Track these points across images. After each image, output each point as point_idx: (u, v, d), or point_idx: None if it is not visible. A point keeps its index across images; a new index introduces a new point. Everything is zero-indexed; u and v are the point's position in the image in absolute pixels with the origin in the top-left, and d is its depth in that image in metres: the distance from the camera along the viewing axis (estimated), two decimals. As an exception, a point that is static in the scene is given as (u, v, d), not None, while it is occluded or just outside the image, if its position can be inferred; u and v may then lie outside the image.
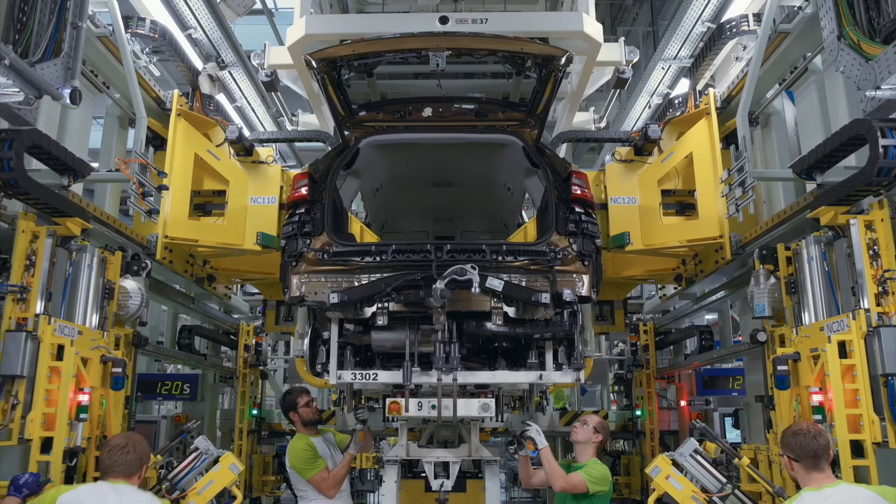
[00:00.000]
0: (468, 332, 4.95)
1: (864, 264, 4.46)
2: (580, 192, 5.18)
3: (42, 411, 4.48)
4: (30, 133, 4.35)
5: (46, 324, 4.56)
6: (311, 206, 5.17)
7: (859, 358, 4.33)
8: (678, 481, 4.75)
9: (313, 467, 5.28)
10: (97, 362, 4.97)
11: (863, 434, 4.26)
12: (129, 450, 3.89)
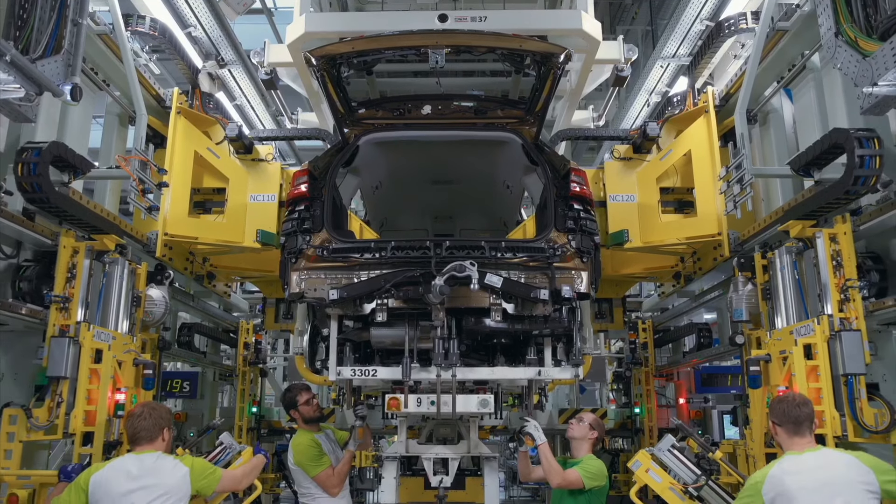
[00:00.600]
0: (467, 328, 4.96)
1: (828, 274, 4.83)
2: (579, 189, 5.19)
3: (84, 408, 4.96)
4: (52, 147, 4.71)
5: (87, 330, 5.00)
6: (311, 203, 5.19)
7: (822, 360, 4.68)
8: (657, 474, 4.95)
9: (319, 464, 5.29)
10: (130, 364, 5.48)
11: (825, 429, 4.55)
12: (146, 416, 4.15)
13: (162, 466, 4.05)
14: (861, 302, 4.74)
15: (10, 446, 4.69)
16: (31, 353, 5.38)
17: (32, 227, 5.10)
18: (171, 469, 4.07)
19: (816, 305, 4.96)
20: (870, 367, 4.74)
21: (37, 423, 4.74)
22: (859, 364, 4.57)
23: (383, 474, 5.72)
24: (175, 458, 4.18)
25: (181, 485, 4.05)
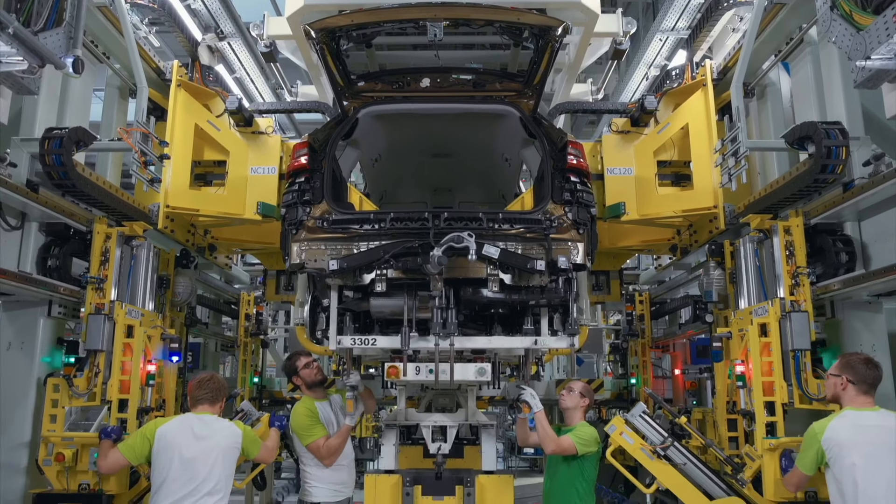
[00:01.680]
0: (465, 298, 5.05)
1: (782, 261, 5.42)
2: (576, 161, 5.25)
3: (119, 378, 5.47)
4: (72, 134, 5.00)
5: (120, 308, 5.52)
6: (311, 175, 5.24)
7: (774, 337, 5.28)
8: (630, 437, 5.44)
9: (311, 434, 5.35)
10: (158, 339, 5.97)
11: (775, 397, 5.21)
12: (213, 382, 4.79)
13: (220, 426, 4.68)
14: (809, 287, 5.32)
15: (55, 411, 5.26)
16: (35, 324, 5.55)
17: (36, 199, 5.19)
18: (227, 429, 4.69)
19: (773, 289, 5.52)
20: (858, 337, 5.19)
21: (77, 391, 5.31)
22: (805, 341, 5.15)
23: (383, 441, 5.84)
24: (229, 421, 4.79)
25: (234, 444, 4.67)
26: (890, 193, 4.78)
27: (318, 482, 5.39)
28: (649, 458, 5.35)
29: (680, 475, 5.33)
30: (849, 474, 3.98)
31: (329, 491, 5.40)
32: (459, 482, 5.55)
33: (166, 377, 6.13)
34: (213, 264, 7.87)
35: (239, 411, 5.78)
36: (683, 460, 5.35)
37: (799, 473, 4.33)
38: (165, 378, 6.11)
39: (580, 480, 5.18)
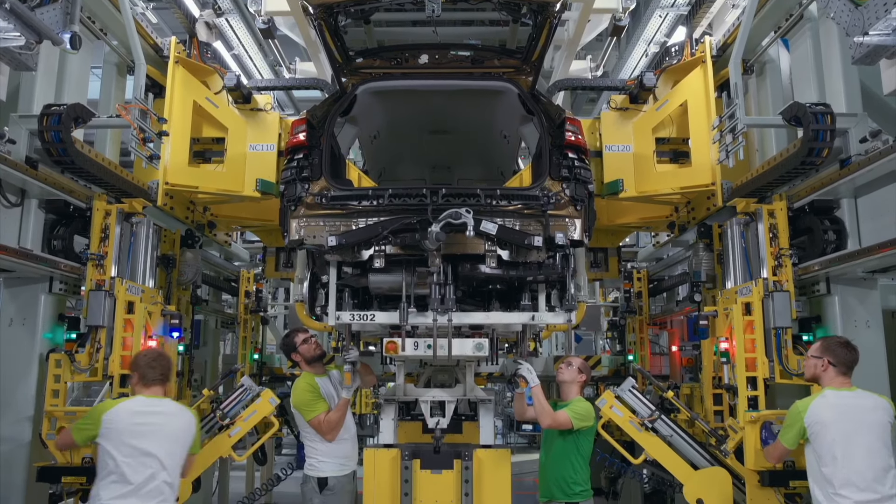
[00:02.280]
0: (463, 274, 5.08)
1: (766, 243, 5.62)
2: (574, 138, 5.26)
3: (120, 354, 5.47)
4: (71, 110, 5.00)
5: (120, 284, 5.53)
6: (310, 151, 5.25)
7: (758, 316, 5.49)
8: (619, 410, 5.63)
9: (313, 409, 5.42)
10: (158, 315, 5.99)
11: (757, 372, 5.42)
12: (164, 360, 4.51)
13: (174, 410, 4.39)
14: (791, 268, 5.52)
15: (57, 387, 5.29)
16: (37, 300, 5.60)
17: (36, 176, 5.21)
18: (178, 413, 4.39)
19: (758, 270, 5.74)
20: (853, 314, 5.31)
21: (79, 366, 5.35)
22: (787, 319, 5.37)
23: (382, 416, 5.90)
24: (180, 404, 4.51)
25: (187, 428, 4.36)
26: (886, 170, 4.82)
27: (324, 457, 5.46)
28: (637, 431, 5.56)
29: (666, 446, 5.55)
30: (829, 450, 4.23)
31: (336, 465, 5.48)
32: (457, 456, 5.61)
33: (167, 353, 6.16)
34: (212, 241, 7.90)
35: (240, 387, 5.85)
36: (670, 432, 5.57)
37: (781, 447, 4.56)
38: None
39: (575, 454, 5.28)
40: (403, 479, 5.51)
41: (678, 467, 5.49)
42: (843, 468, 4.19)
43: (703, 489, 5.37)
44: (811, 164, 5.09)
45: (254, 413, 5.66)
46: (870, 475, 4.16)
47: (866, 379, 4.79)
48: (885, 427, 4.29)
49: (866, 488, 4.13)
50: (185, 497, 5.38)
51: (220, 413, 5.65)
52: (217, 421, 5.63)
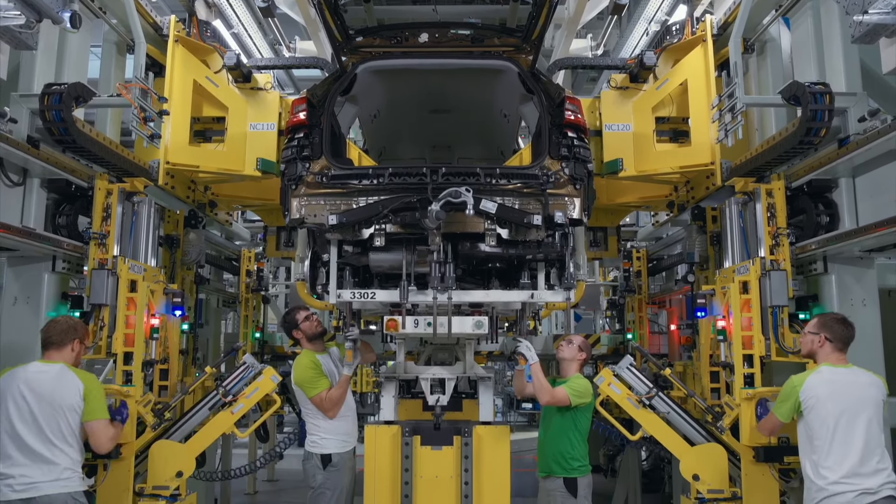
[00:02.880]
0: (463, 252, 5.12)
1: (763, 223, 5.66)
2: (573, 117, 5.27)
3: (123, 332, 5.54)
4: (71, 90, 4.96)
5: (123, 263, 5.58)
6: (310, 130, 5.27)
7: (754, 294, 5.53)
8: (617, 387, 5.71)
9: (316, 386, 5.53)
10: (160, 294, 6.08)
11: (753, 350, 5.47)
12: (60, 322, 4.51)
13: (62, 378, 4.32)
14: (788, 247, 5.58)
15: None
16: (40, 279, 5.65)
17: (38, 155, 5.24)
18: (69, 381, 4.33)
19: (756, 249, 5.81)
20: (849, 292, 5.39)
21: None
22: (783, 297, 5.42)
23: (382, 394, 5.98)
24: (74, 372, 4.40)
25: (73, 398, 4.29)
26: (884, 149, 4.83)
27: (326, 434, 5.58)
28: (635, 408, 5.64)
29: (663, 423, 5.64)
30: (822, 424, 4.33)
31: (338, 442, 5.61)
32: (457, 433, 5.69)
33: (169, 331, 6.25)
34: (213, 221, 7.93)
35: (242, 365, 5.92)
36: (667, 409, 5.64)
37: (774, 420, 4.67)
38: (169, 332, 6.23)
39: (573, 431, 5.37)
40: (404, 455, 5.59)
41: (675, 443, 5.58)
42: (836, 444, 4.28)
43: (698, 465, 5.46)
44: (809, 144, 5.09)
45: (256, 390, 5.74)
46: (861, 452, 4.24)
47: (862, 357, 4.86)
48: (879, 405, 4.39)
49: (857, 464, 4.21)
50: (188, 472, 5.50)
51: (223, 390, 5.73)
52: (220, 398, 5.71)
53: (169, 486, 5.41)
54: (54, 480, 4.13)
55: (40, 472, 4.12)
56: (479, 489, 5.60)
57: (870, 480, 4.20)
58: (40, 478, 4.10)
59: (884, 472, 4.24)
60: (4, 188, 5.20)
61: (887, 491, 4.20)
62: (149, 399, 5.65)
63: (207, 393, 5.96)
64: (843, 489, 4.21)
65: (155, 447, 5.51)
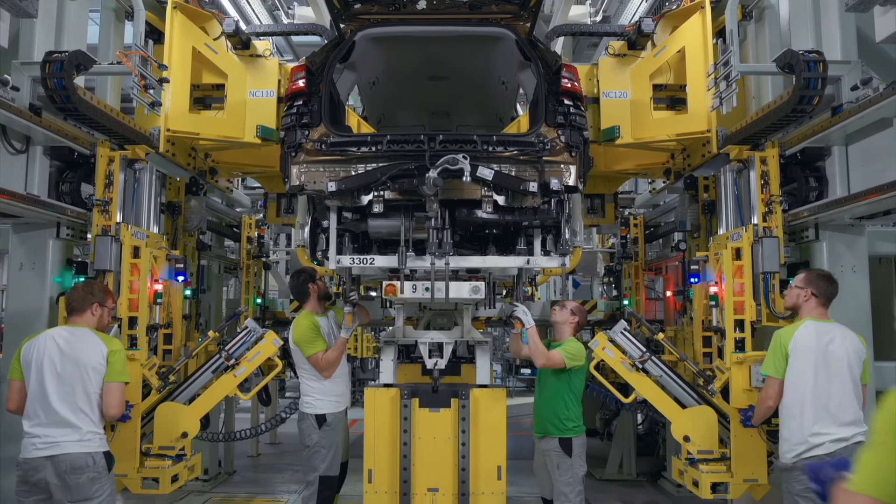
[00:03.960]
0: (460, 219, 5.21)
1: (757, 190, 5.72)
2: (569, 85, 5.31)
3: (127, 297, 5.64)
4: (73, 57, 5.01)
5: (126, 229, 5.69)
6: (309, 98, 5.32)
7: (747, 261, 5.63)
8: (611, 351, 5.84)
9: (313, 346, 5.67)
10: (163, 260, 6.19)
11: (744, 315, 5.59)
12: (79, 289, 4.64)
13: (86, 340, 4.43)
14: (781, 214, 5.65)
15: None
16: (45, 245, 5.75)
17: (40, 123, 5.29)
18: (93, 344, 4.43)
19: (749, 216, 5.88)
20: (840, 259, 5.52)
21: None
22: (775, 264, 5.52)
23: (382, 357, 6.11)
24: (98, 336, 4.50)
25: (97, 358, 4.40)
26: (875, 118, 4.88)
27: (320, 395, 5.75)
28: (629, 371, 5.78)
29: (656, 386, 5.78)
30: (804, 376, 4.54)
31: (332, 402, 5.77)
32: (455, 395, 5.84)
33: (173, 296, 6.38)
34: (214, 188, 8.00)
35: (244, 329, 6.05)
36: (660, 373, 5.80)
37: (773, 382, 4.72)
38: (172, 297, 6.36)
39: (568, 392, 5.53)
40: (403, 417, 5.76)
41: (667, 406, 5.72)
42: (815, 396, 4.50)
43: (689, 426, 5.62)
44: (802, 112, 5.14)
45: (258, 354, 5.91)
46: (838, 404, 4.46)
47: (851, 322, 4.97)
48: (855, 360, 4.59)
49: (833, 415, 4.44)
50: (193, 433, 5.67)
51: (226, 354, 5.89)
52: (223, 361, 5.86)
53: (174, 447, 5.62)
54: (77, 441, 4.30)
55: (62, 433, 4.28)
56: (475, 449, 5.77)
57: (844, 430, 4.43)
58: (62, 438, 4.28)
59: (857, 424, 4.48)
60: (8, 156, 5.26)
61: (858, 438, 4.42)
62: (153, 363, 5.81)
63: (210, 357, 6.12)
64: (820, 440, 4.43)
65: (160, 409, 5.69)
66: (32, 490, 4.28)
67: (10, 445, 5.38)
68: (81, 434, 4.32)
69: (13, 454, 5.05)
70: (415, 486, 5.71)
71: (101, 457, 4.37)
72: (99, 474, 4.32)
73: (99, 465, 4.33)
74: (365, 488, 5.66)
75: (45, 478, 4.22)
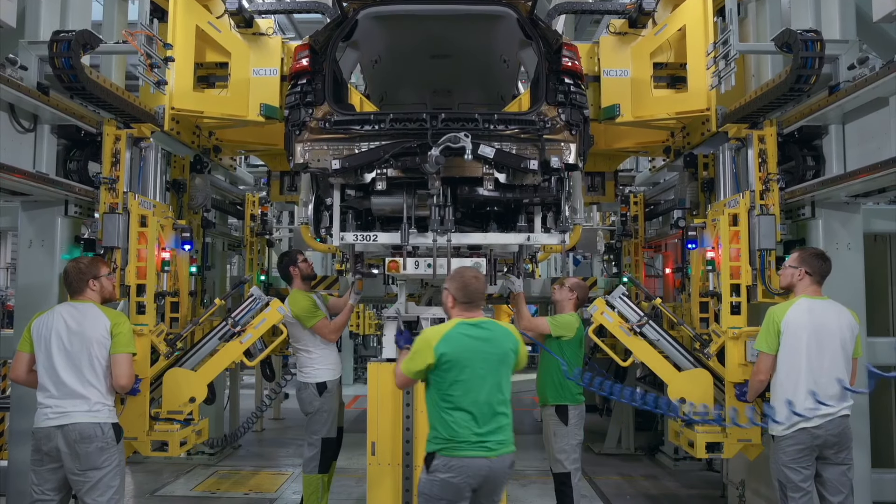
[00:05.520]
0: (462, 196, 5.28)
1: (755, 167, 5.81)
2: (570, 63, 5.37)
3: (136, 265, 5.76)
4: (80, 37, 5.08)
5: (133, 199, 5.79)
6: (312, 77, 5.38)
7: (743, 226, 5.73)
8: (610, 315, 5.95)
9: (315, 315, 6.10)
10: (170, 229, 6.31)
11: (740, 280, 5.72)
12: (69, 271, 4.69)
13: (90, 315, 4.57)
14: (778, 192, 5.72)
15: None
16: (53, 223, 5.84)
17: (48, 102, 5.36)
18: (96, 319, 4.57)
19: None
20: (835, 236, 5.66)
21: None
22: (771, 241, 5.60)
23: (384, 333, 6.23)
24: (102, 310, 4.64)
25: (101, 331, 4.54)
26: (871, 97, 4.94)
27: (319, 364, 6.23)
28: (626, 335, 5.89)
29: (653, 350, 5.90)
30: (797, 350, 4.68)
31: (329, 371, 6.23)
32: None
33: (179, 265, 6.53)
34: (218, 166, 8.08)
35: (249, 297, 6.20)
36: (657, 337, 5.91)
37: (766, 357, 4.85)
38: (178, 266, 6.50)
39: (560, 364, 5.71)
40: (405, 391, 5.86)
41: (663, 369, 5.86)
42: (808, 370, 4.65)
43: (685, 389, 5.74)
44: (799, 91, 5.19)
45: (263, 321, 6.03)
46: (828, 378, 4.61)
47: (846, 299, 5.07)
48: (847, 335, 4.73)
49: (823, 390, 4.58)
50: (201, 398, 5.87)
51: (232, 321, 6.02)
52: (229, 329, 6.01)
53: (182, 411, 5.78)
54: (86, 411, 4.45)
55: (73, 404, 4.45)
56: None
57: (831, 403, 4.59)
58: (72, 408, 4.44)
59: (843, 398, 4.65)
60: (17, 134, 5.33)
61: (844, 411, 4.66)
62: (161, 329, 5.93)
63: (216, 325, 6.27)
64: (810, 414, 4.59)
65: (168, 375, 5.84)
66: (44, 459, 4.44)
67: (22, 418, 5.54)
68: (90, 405, 4.47)
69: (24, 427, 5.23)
70: (417, 458, 5.82)
71: (109, 427, 4.51)
72: (107, 444, 4.47)
73: (107, 436, 4.48)
74: (368, 460, 5.79)
75: (57, 446, 4.38)
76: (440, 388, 3.96)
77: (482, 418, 3.91)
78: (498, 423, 3.94)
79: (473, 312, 4.15)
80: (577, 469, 5.84)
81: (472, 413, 3.89)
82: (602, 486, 8.21)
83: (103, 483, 4.42)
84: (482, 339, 4.04)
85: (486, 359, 3.99)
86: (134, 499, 7.63)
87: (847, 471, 4.74)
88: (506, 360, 4.05)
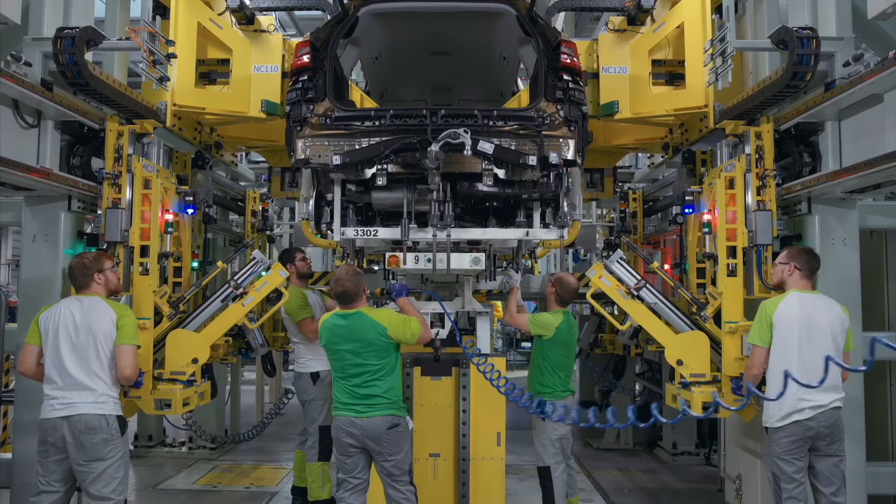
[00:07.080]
0: (461, 192, 5.34)
1: (752, 164, 5.81)
2: (569, 60, 5.41)
3: (139, 226, 5.76)
4: (83, 33, 5.11)
5: (137, 161, 5.80)
6: (314, 73, 5.43)
7: (739, 189, 5.77)
8: (608, 279, 6.00)
9: (302, 312, 6.40)
10: (173, 193, 6.32)
11: (736, 242, 5.75)
12: (73, 267, 4.84)
13: (96, 308, 4.70)
14: (774, 188, 5.76)
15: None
16: (57, 217, 5.90)
17: (52, 98, 5.41)
18: (103, 312, 4.69)
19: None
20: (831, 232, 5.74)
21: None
22: (768, 237, 5.64)
23: None
24: (107, 303, 4.76)
25: (107, 323, 4.65)
26: (867, 93, 4.99)
27: (313, 355, 6.57)
28: (624, 299, 5.96)
29: (651, 313, 5.97)
30: (788, 343, 4.80)
31: (321, 361, 6.30)
32: (456, 364, 6.04)
33: (182, 229, 6.62)
34: (219, 162, 8.13)
35: (251, 260, 6.27)
36: (654, 300, 5.97)
37: (759, 351, 4.92)
38: (182, 230, 6.59)
39: (543, 361, 6.07)
40: (405, 385, 5.93)
41: (661, 332, 5.92)
42: (799, 363, 4.72)
43: (682, 351, 5.79)
44: (795, 88, 5.24)
45: (265, 284, 6.07)
46: (820, 372, 4.55)
47: (841, 295, 5.18)
48: (838, 328, 4.84)
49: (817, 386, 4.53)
50: (203, 359, 5.87)
51: (234, 283, 6.06)
52: (231, 291, 6.06)
53: (185, 372, 5.79)
54: (92, 403, 4.56)
55: (79, 395, 4.55)
56: (475, 417, 5.99)
57: (823, 397, 4.68)
58: (78, 399, 4.54)
59: (835, 390, 4.75)
60: (21, 130, 5.39)
61: (836, 403, 4.77)
62: (164, 291, 5.99)
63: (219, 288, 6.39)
64: (802, 406, 4.70)
65: (171, 336, 5.89)
66: (50, 450, 4.51)
67: (27, 411, 5.60)
68: (96, 396, 4.56)
69: (29, 419, 5.29)
70: (417, 451, 5.90)
71: (114, 420, 4.59)
72: (112, 436, 4.55)
73: (112, 428, 4.55)
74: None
75: (63, 436, 4.45)
76: None
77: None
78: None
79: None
80: (559, 463, 6.02)
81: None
82: (601, 480, 8.28)
83: (107, 474, 4.50)
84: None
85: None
86: (136, 492, 7.70)
87: (839, 462, 4.83)
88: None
